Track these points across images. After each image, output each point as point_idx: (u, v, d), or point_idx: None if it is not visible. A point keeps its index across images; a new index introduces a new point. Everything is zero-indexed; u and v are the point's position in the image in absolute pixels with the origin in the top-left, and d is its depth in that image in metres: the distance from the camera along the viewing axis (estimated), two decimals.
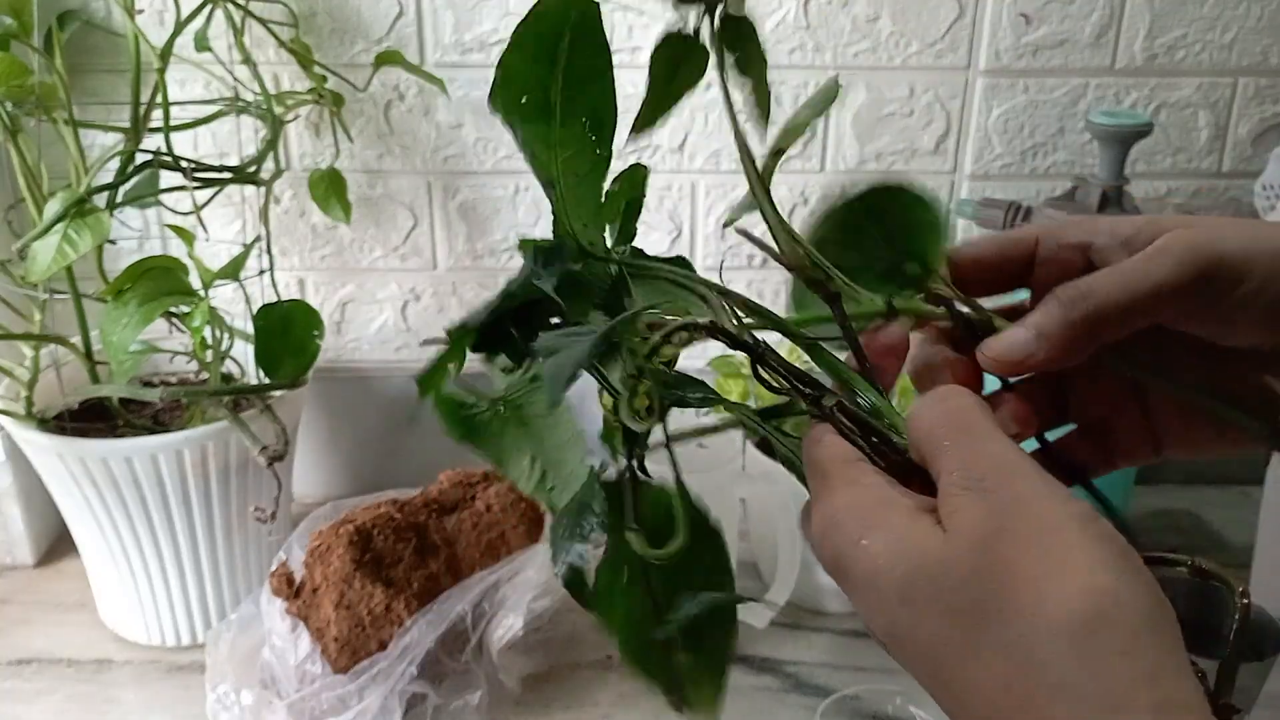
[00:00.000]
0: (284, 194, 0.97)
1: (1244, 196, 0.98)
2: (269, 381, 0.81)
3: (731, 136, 0.36)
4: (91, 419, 0.84)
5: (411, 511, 0.81)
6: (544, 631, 0.83)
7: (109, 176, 0.79)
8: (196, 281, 0.80)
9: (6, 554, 0.96)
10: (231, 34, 0.84)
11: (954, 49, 0.94)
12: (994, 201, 0.91)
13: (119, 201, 0.79)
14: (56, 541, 0.99)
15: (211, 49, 0.86)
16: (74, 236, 0.74)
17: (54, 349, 0.84)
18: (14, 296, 0.81)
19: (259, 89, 0.85)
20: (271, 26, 0.86)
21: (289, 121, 0.92)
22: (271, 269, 0.87)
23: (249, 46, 0.85)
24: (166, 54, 0.79)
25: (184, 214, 0.83)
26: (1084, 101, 0.96)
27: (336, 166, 0.92)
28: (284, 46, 0.87)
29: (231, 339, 0.84)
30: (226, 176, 0.84)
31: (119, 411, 0.83)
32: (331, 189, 0.91)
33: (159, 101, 0.80)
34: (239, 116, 0.90)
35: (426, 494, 0.84)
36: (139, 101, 0.79)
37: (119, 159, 0.79)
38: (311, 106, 0.92)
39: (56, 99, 0.78)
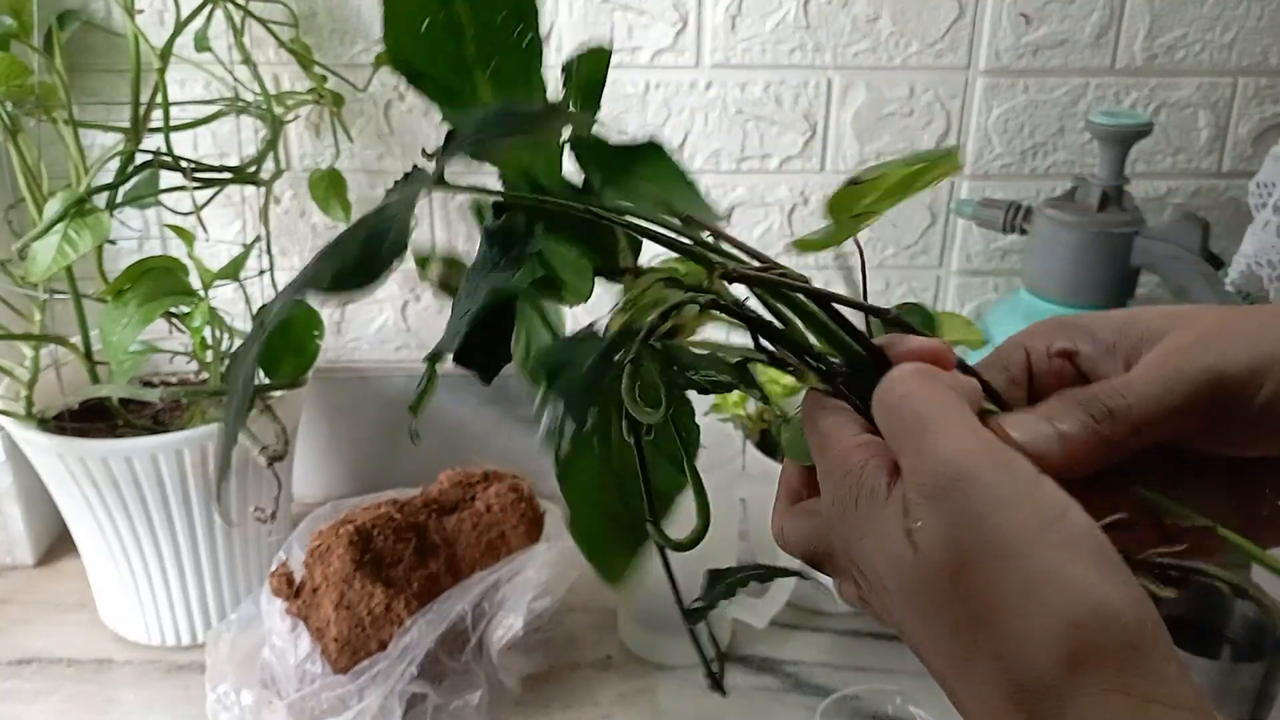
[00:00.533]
0: (284, 194, 0.97)
1: (1243, 196, 0.98)
2: (269, 381, 0.81)
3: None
4: (91, 419, 0.84)
5: (411, 511, 0.81)
6: (544, 631, 0.83)
7: (109, 176, 0.79)
8: (196, 281, 0.80)
9: (6, 554, 0.96)
10: (231, 34, 0.84)
11: (954, 49, 0.94)
12: (994, 201, 0.91)
13: (119, 201, 0.79)
14: (56, 541, 0.99)
15: (211, 49, 0.86)
16: (74, 236, 0.74)
17: (54, 349, 0.84)
18: (14, 296, 0.81)
19: (259, 89, 0.85)
20: (271, 26, 0.86)
21: (289, 121, 0.92)
22: (271, 269, 0.87)
23: (249, 46, 0.85)
24: (166, 54, 0.79)
25: (184, 214, 0.83)
26: (1084, 101, 0.96)
27: (336, 166, 0.92)
28: (284, 46, 0.87)
29: (231, 339, 0.84)
30: (226, 176, 0.84)
31: (119, 411, 0.83)
32: (331, 189, 0.91)
33: (159, 101, 0.80)
34: (239, 116, 0.90)
35: (426, 494, 0.84)
36: (139, 101, 0.79)
37: (119, 159, 0.79)
38: (311, 106, 0.92)
39: (56, 99, 0.78)
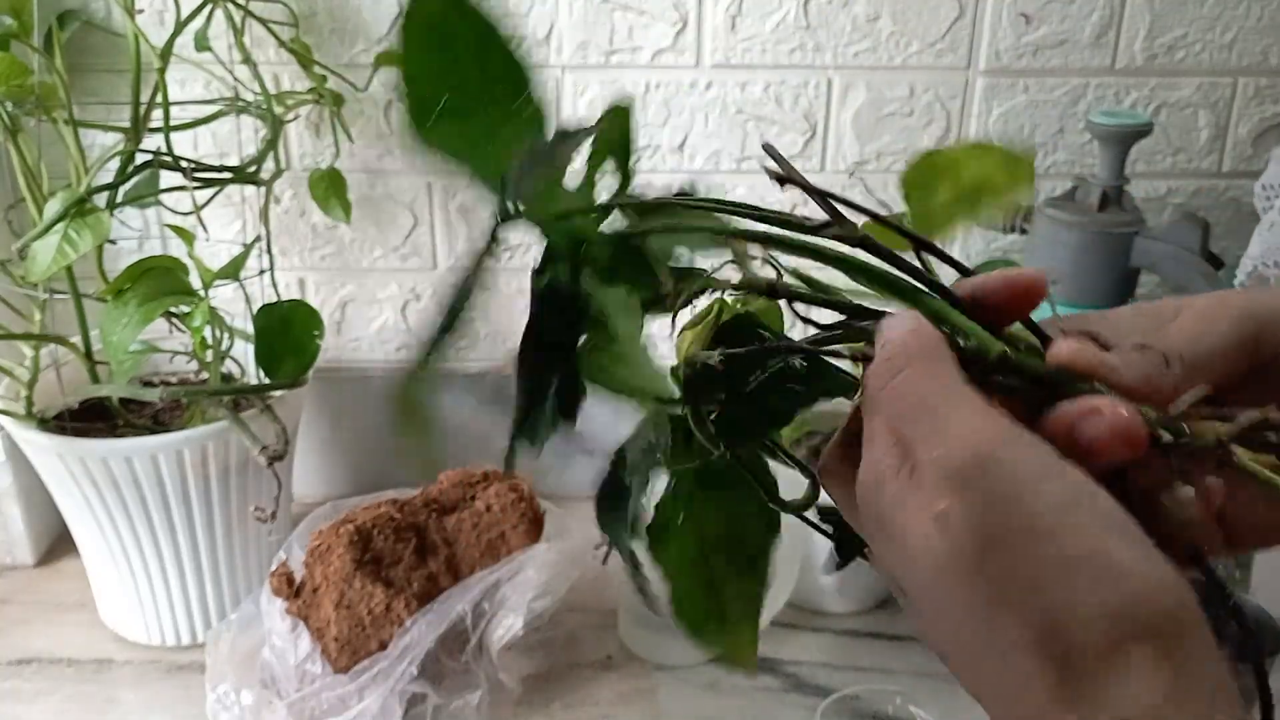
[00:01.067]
0: (284, 194, 0.97)
1: (1244, 196, 0.98)
2: (269, 381, 0.81)
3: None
4: (91, 419, 0.84)
5: (411, 511, 0.81)
6: (544, 631, 0.83)
7: (109, 176, 0.79)
8: (196, 281, 0.80)
9: (6, 554, 0.96)
10: (231, 34, 0.84)
11: (954, 49, 0.94)
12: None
13: (119, 201, 0.79)
14: (56, 541, 0.99)
15: (211, 49, 0.86)
16: (74, 236, 0.74)
17: (54, 349, 0.84)
18: (14, 296, 0.81)
19: (259, 89, 0.85)
20: (271, 26, 0.86)
21: (289, 121, 0.92)
22: (271, 269, 0.87)
23: (249, 46, 0.85)
24: (166, 54, 0.79)
25: (184, 214, 0.83)
26: (1084, 101, 0.96)
27: (336, 166, 0.92)
28: (284, 46, 0.87)
29: (231, 339, 0.84)
30: (226, 176, 0.84)
31: (119, 411, 0.83)
32: (331, 189, 0.91)
33: (159, 101, 0.80)
34: (239, 116, 0.90)
35: (426, 494, 0.84)
36: (139, 101, 0.79)
37: (119, 159, 0.79)
38: (311, 106, 0.92)
39: (56, 99, 0.78)
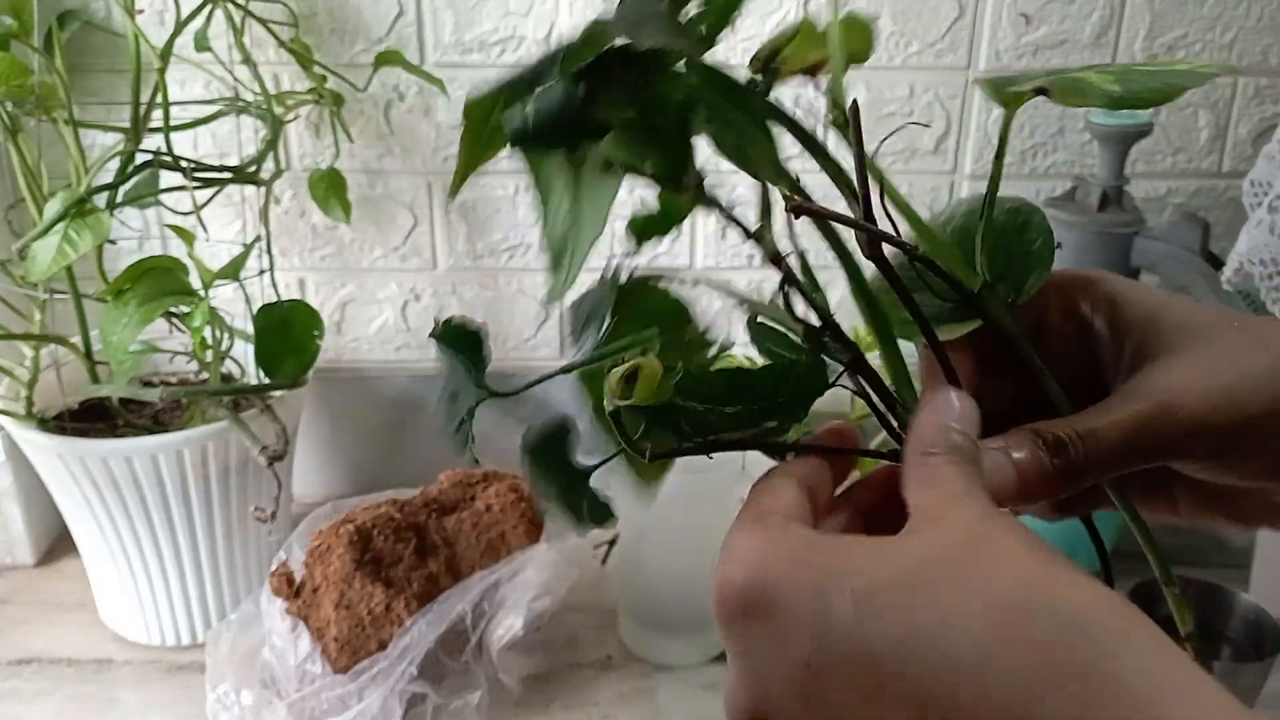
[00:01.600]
0: (284, 194, 0.97)
1: (1244, 197, 0.98)
2: (269, 381, 0.81)
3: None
4: (91, 419, 0.84)
5: (411, 511, 0.81)
6: (544, 631, 0.83)
7: (109, 176, 0.79)
8: (196, 281, 0.80)
9: (6, 554, 0.96)
10: (231, 34, 0.84)
11: (954, 49, 0.94)
12: None
13: (119, 201, 0.79)
14: (56, 541, 0.99)
15: (211, 49, 0.86)
16: (74, 236, 0.74)
17: (54, 349, 0.84)
18: (14, 296, 0.81)
19: (259, 89, 0.85)
20: (271, 26, 0.86)
21: (289, 121, 0.92)
22: (271, 269, 0.87)
23: (249, 46, 0.85)
24: (166, 54, 0.79)
25: (184, 214, 0.83)
26: None
27: (336, 166, 0.92)
28: (284, 46, 0.87)
29: (231, 339, 0.84)
30: (226, 176, 0.84)
31: (119, 411, 0.83)
32: (331, 189, 0.91)
33: (159, 101, 0.80)
34: (239, 116, 0.90)
35: (426, 494, 0.84)
36: (139, 101, 0.79)
37: (119, 159, 0.79)
38: (311, 106, 0.92)
39: (56, 99, 0.78)
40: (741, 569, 0.28)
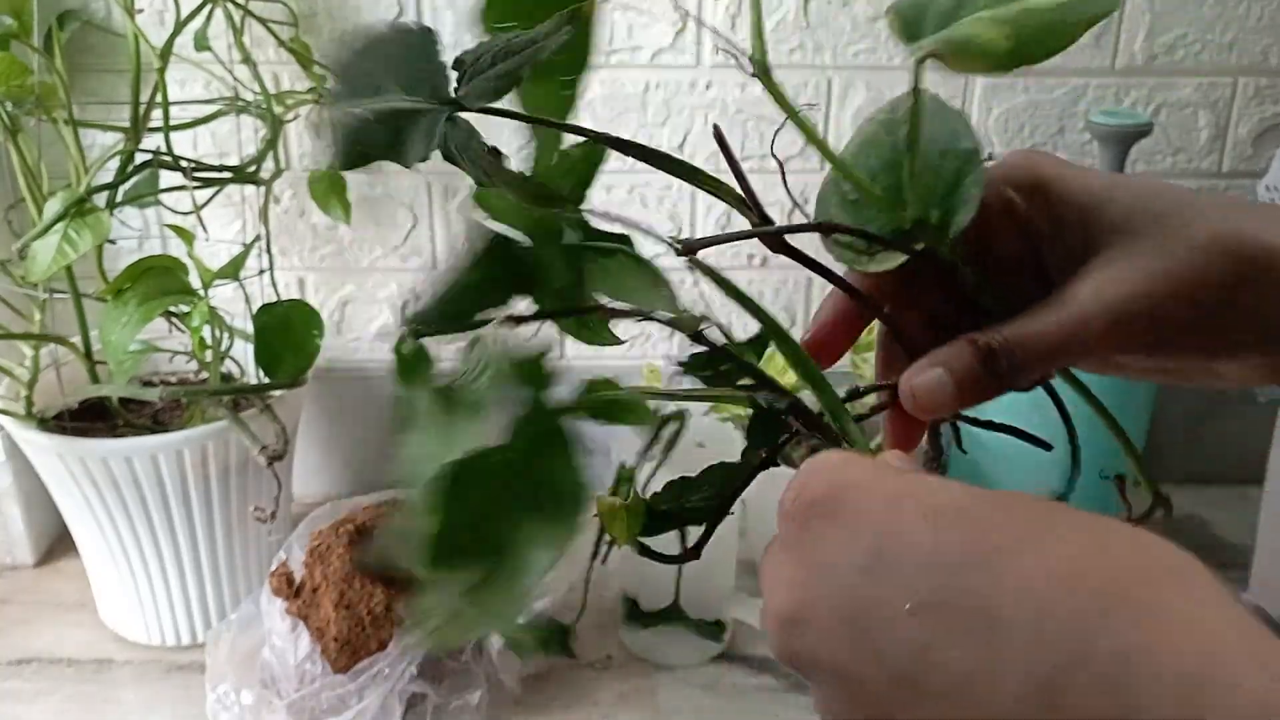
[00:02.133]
0: (284, 194, 0.97)
1: (1244, 196, 0.98)
2: (269, 381, 0.81)
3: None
4: (91, 419, 0.84)
5: None
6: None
7: (109, 176, 0.79)
8: (196, 281, 0.80)
9: (6, 554, 0.96)
10: (231, 34, 0.84)
11: None
12: None
13: (119, 201, 0.79)
14: (56, 541, 0.99)
15: (211, 49, 0.86)
16: (74, 236, 0.74)
17: (54, 349, 0.84)
18: (14, 296, 0.81)
19: (259, 89, 0.85)
20: (271, 26, 0.86)
21: (289, 121, 0.92)
22: (271, 269, 0.87)
23: (249, 46, 0.85)
24: (166, 54, 0.79)
25: (184, 214, 0.83)
26: (1084, 101, 0.96)
27: None
28: (284, 46, 0.87)
29: (231, 339, 0.84)
30: (226, 176, 0.84)
31: (119, 411, 0.83)
32: (331, 189, 0.91)
33: (159, 101, 0.80)
34: (239, 116, 0.90)
35: None
36: (139, 101, 0.79)
37: (119, 159, 0.79)
38: (311, 106, 0.92)
39: (56, 99, 0.78)
40: (824, 473, 0.29)
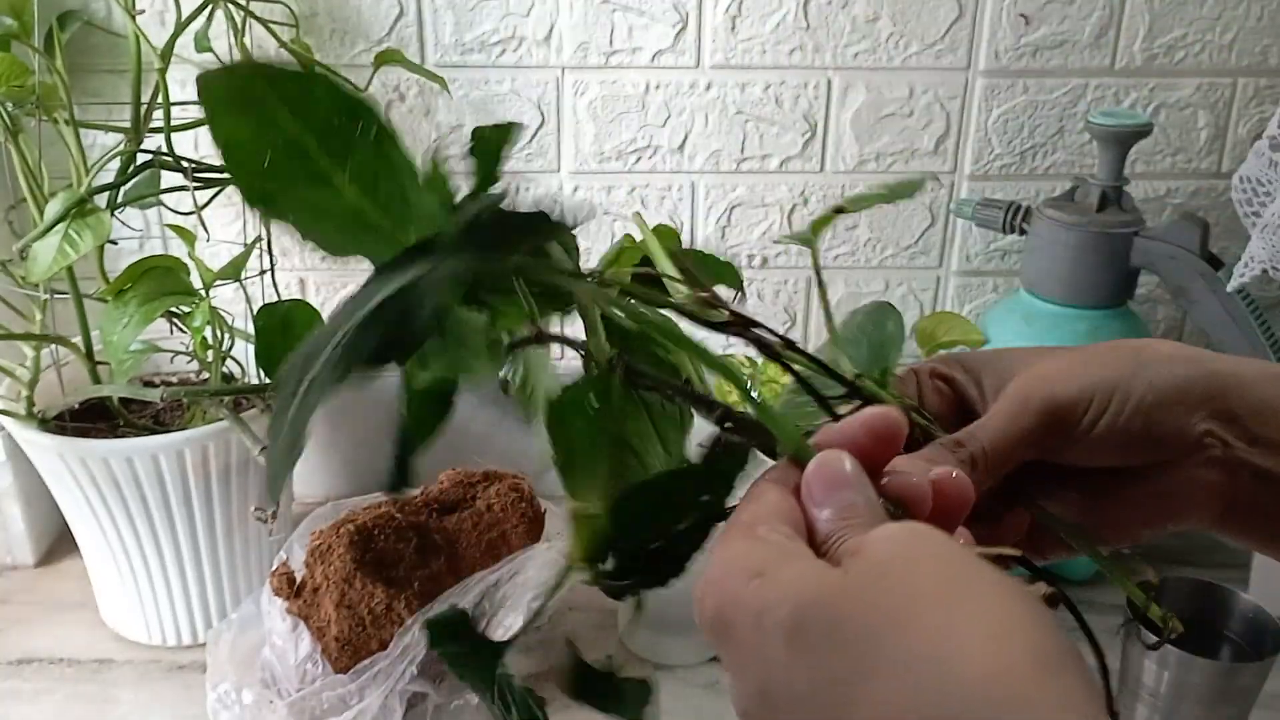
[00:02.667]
0: None
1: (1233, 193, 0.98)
2: (269, 381, 0.81)
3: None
4: (92, 419, 0.84)
5: (412, 511, 0.81)
6: (544, 631, 0.83)
7: (110, 176, 0.79)
8: (197, 281, 0.80)
9: (6, 554, 0.96)
10: (232, 34, 0.84)
11: (954, 49, 0.94)
12: (993, 202, 0.91)
13: (120, 201, 0.79)
14: (56, 541, 0.99)
15: (212, 49, 0.86)
16: (75, 236, 0.74)
17: (55, 349, 0.84)
18: (15, 296, 0.81)
19: None
20: (272, 26, 0.86)
21: None
22: (272, 269, 0.87)
23: (249, 46, 0.85)
24: (167, 54, 0.79)
25: (185, 214, 0.83)
26: (1084, 102, 0.96)
27: None
28: (284, 46, 0.87)
29: (232, 339, 0.84)
30: (227, 177, 0.84)
31: (119, 411, 0.83)
32: None
33: (160, 102, 0.80)
34: None
35: (427, 494, 0.84)
36: (140, 101, 0.79)
37: (120, 159, 0.79)
38: None
39: (57, 99, 0.79)
40: (711, 591, 0.32)
